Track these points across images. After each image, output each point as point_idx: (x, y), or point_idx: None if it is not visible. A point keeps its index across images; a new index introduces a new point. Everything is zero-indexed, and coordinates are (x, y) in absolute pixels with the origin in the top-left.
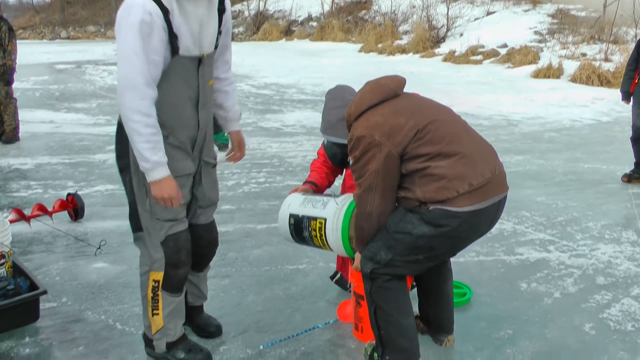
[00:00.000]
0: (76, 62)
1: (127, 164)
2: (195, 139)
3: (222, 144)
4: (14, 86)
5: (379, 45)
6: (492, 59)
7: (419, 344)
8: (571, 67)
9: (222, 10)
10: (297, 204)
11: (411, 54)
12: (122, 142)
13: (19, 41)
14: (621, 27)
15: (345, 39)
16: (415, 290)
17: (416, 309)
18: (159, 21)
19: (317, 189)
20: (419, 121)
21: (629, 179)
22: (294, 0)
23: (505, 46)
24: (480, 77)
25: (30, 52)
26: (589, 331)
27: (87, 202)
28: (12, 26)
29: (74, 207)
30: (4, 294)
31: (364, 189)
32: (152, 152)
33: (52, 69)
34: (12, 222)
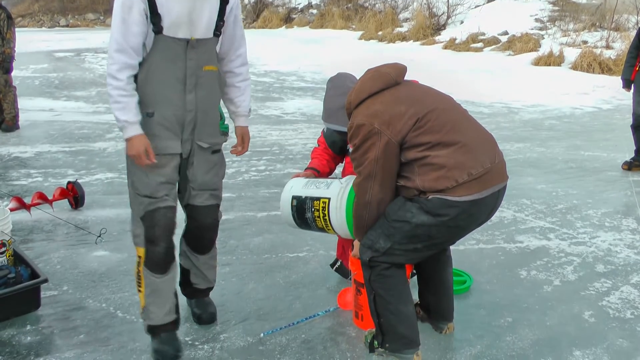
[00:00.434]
0: (75, 50)
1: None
2: (183, 120)
3: (222, 132)
4: (13, 74)
5: (379, 32)
6: (493, 47)
7: (418, 331)
8: (572, 54)
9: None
10: (300, 186)
11: (411, 41)
12: None
13: (17, 29)
14: (622, 14)
15: (345, 26)
16: (415, 278)
17: (416, 297)
18: (140, 1)
19: (318, 175)
20: (419, 110)
21: (629, 166)
22: None
23: (506, 34)
24: (480, 65)
25: (29, 40)
26: (589, 319)
27: (88, 190)
28: (10, 14)
29: (74, 196)
30: (4, 283)
31: (363, 177)
32: (121, 112)
33: (51, 57)
34: (12, 210)
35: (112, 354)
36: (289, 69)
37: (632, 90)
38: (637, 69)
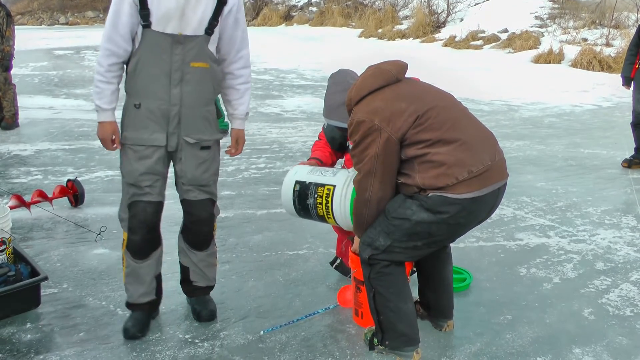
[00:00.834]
0: (75, 48)
1: None
2: (168, 114)
3: (222, 130)
4: (13, 72)
5: (379, 30)
6: (493, 44)
7: (418, 329)
8: (572, 52)
9: (222, 1)
10: (305, 172)
11: (411, 39)
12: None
13: (17, 27)
14: (622, 12)
15: (345, 24)
16: (415, 275)
17: (416, 294)
18: None
19: (321, 165)
20: (419, 107)
21: (629, 164)
22: None
23: (505, 31)
24: (480, 63)
25: (28, 38)
26: (588, 316)
27: (87, 188)
28: (10, 12)
29: (74, 193)
30: (4, 280)
31: (363, 174)
32: (97, 97)
33: (50, 54)
34: (12, 208)
35: (112, 352)
36: (288, 67)
37: (632, 87)
38: (637, 66)
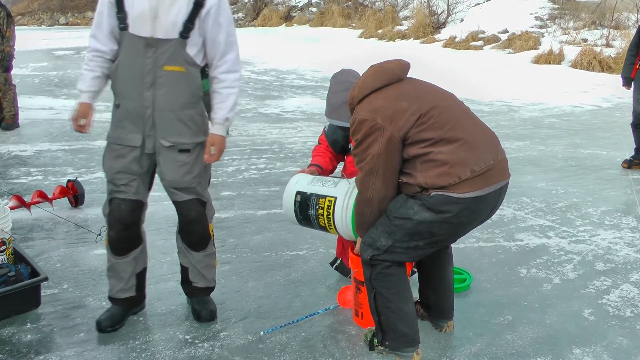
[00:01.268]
0: (75, 49)
1: None
2: (142, 116)
3: None
4: (13, 72)
5: (379, 31)
6: (493, 45)
7: (418, 329)
8: (572, 52)
9: (198, 3)
10: (306, 182)
11: (411, 39)
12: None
13: (17, 27)
14: (622, 12)
15: (345, 24)
16: (415, 275)
17: (416, 295)
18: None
19: (322, 171)
20: (421, 106)
21: (629, 164)
22: None
23: (505, 32)
24: (480, 63)
25: (28, 39)
26: (588, 317)
27: (87, 188)
28: (10, 12)
29: (74, 194)
30: (5, 281)
31: (365, 173)
32: (80, 81)
33: (51, 55)
34: (12, 208)
35: (112, 352)
36: (288, 67)
37: (632, 88)
38: (637, 67)
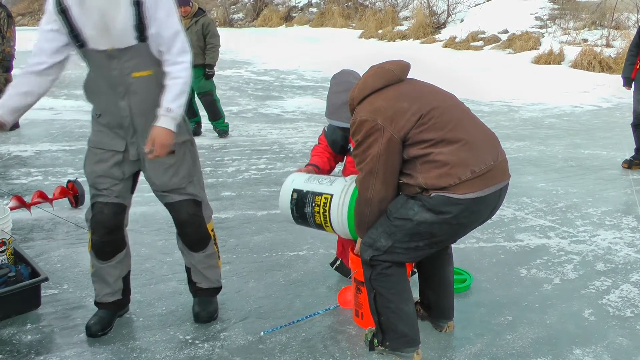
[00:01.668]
0: None
1: None
2: (122, 125)
3: (222, 131)
4: (13, 73)
5: (380, 31)
6: (493, 45)
7: (419, 329)
8: (572, 52)
9: (137, 3)
10: (302, 180)
11: (411, 40)
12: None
13: (17, 28)
14: (623, 13)
15: (345, 25)
16: (415, 276)
17: (416, 295)
18: (55, 17)
19: (319, 171)
20: (422, 106)
21: (629, 165)
22: None
23: (506, 32)
24: (480, 63)
25: (29, 39)
26: (589, 317)
27: (87, 189)
28: (10, 13)
29: (74, 194)
30: (5, 281)
31: (365, 173)
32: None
33: None
34: (12, 209)
35: (112, 353)
36: (289, 68)
37: (632, 88)
38: (638, 67)
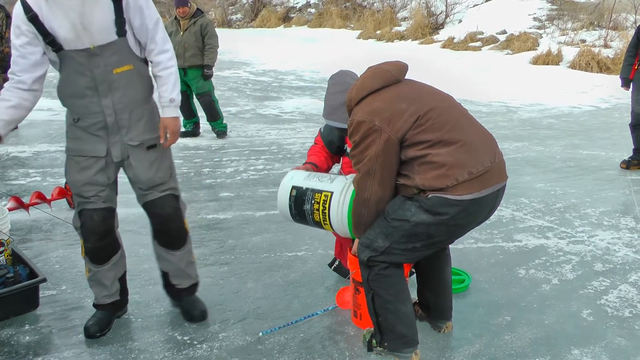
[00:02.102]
0: None
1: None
2: (105, 125)
3: (220, 131)
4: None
5: (378, 31)
6: (491, 46)
7: (417, 330)
8: (570, 53)
9: None
10: (302, 178)
11: (410, 40)
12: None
13: None
14: (621, 13)
15: (343, 25)
16: (414, 276)
17: (415, 295)
18: (24, 26)
19: (317, 169)
20: (420, 107)
21: (628, 165)
22: None
23: (504, 32)
24: (479, 64)
25: None
26: (587, 317)
27: None
28: (9, 13)
29: (73, 195)
30: (3, 282)
31: (362, 174)
32: None
33: None
34: (10, 210)
35: (110, 353)
36: (287, 68)
37: (630, 89)
38: (636, 67)
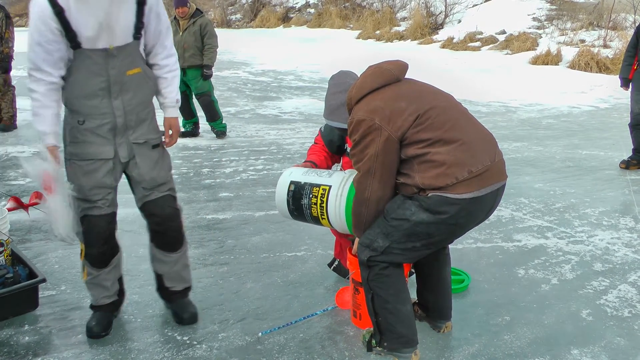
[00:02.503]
0: None
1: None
2: (114, 126)
3: (220, 132)
4: (12, 74)
5: (377, 32)
6: (491, 46)
7: (416, 330)
8: (570, 53)
9: (141, 2)
10: (300, 173)
11: (409, 40)
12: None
13: (16, 28)
14: (620, 13)
15: (343, 25)
16: (413, 276)
17: (414, 295)
18: (51, 22)
19: (316, 168)
20: (419, 106)
21: (627, 165)
22: None
23: (503, 33)
24: (478, 64)
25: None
26: (586, 317)
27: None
28: (9, 13)
29: None
30: (2, 282)
31: (362, 173)
32: (39, 123)
33: None
34: (10, 210)
35: (110, 354)
36: (286, 69)
37: (630, 89)
38: (635, 67)
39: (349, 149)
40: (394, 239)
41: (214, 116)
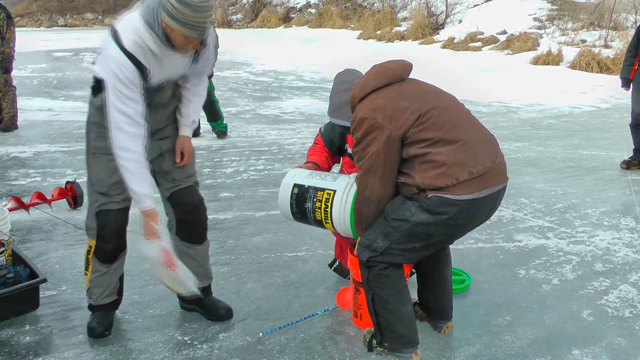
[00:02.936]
0: (74, 50)
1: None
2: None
3: (221, 132)
4: (12, 74)
5: (378, 32)
6: (491, 46)
7: (417, 330)
8: (570, 53)
9: (196, 55)
10: (304, 176)
11: (410, 40)
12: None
13: (17, 29)
14: (621, 14)
15: (343, 25)
16: (414, 276)
17: (415, 296)
18: (138, 81)
19: (318, 169)
20: (422, 106)
21: (628, 165)
22: None
23: (504, 33)
24: (479, 64)
25: (27, 40)
26: (587, 317)
27: (86, 190)
28: (10, 14)
29: (73, 195)
30: (3, 283)
31: (364, 171)
32: (138, 185)
33: (49, 56)
34: (11, 210)
35: (110, 354)
36: (287, 69)
37: (630, 89)
38: (636, 67)
39: (349, 149)
40: (394, 240)
41: (214, 116)
